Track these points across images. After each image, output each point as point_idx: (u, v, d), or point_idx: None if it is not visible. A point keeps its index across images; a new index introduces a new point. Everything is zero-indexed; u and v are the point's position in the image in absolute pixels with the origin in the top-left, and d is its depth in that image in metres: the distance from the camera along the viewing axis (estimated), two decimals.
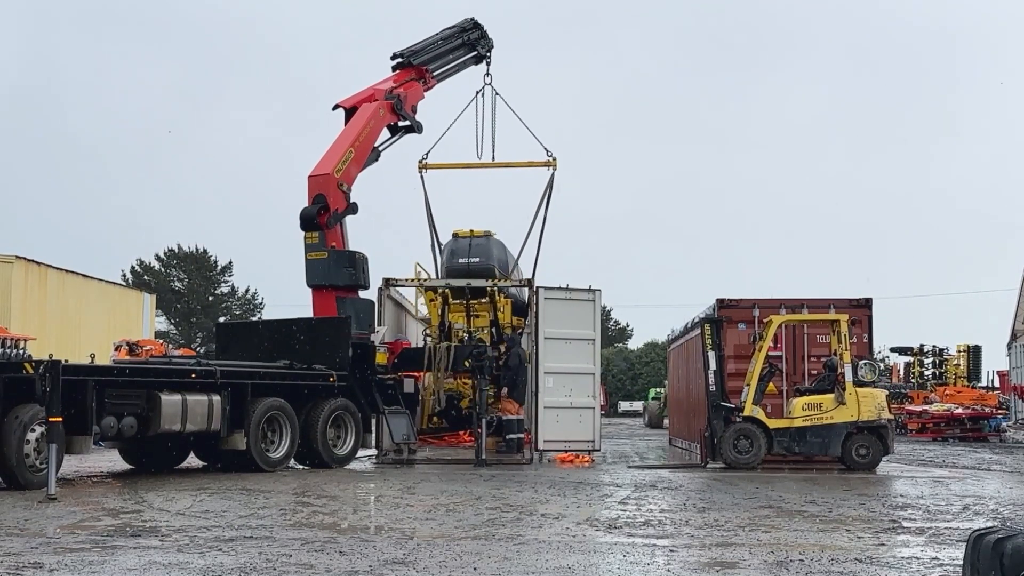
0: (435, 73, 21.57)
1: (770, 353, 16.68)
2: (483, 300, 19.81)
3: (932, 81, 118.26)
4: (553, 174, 21.95)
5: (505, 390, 18.30)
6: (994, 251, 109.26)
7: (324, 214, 18.04)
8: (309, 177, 18.39)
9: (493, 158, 22.38)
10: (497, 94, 22.50)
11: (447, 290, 19.84)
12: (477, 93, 22.58)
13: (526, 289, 22.07)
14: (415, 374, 18.99)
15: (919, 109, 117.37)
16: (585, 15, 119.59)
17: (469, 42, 22.17)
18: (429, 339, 20.37)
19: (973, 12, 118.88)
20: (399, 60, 20.83)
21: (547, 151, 21.96)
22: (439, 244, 21.41)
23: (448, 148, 23.04)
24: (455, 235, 20.73)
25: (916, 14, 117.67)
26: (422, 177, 21.95)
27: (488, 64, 22.73)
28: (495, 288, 19.68)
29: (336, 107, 19.70)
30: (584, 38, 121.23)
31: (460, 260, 20.14)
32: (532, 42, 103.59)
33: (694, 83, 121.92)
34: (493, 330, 19.89)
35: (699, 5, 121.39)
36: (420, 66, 21.00)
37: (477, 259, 20.06)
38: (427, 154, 22.05)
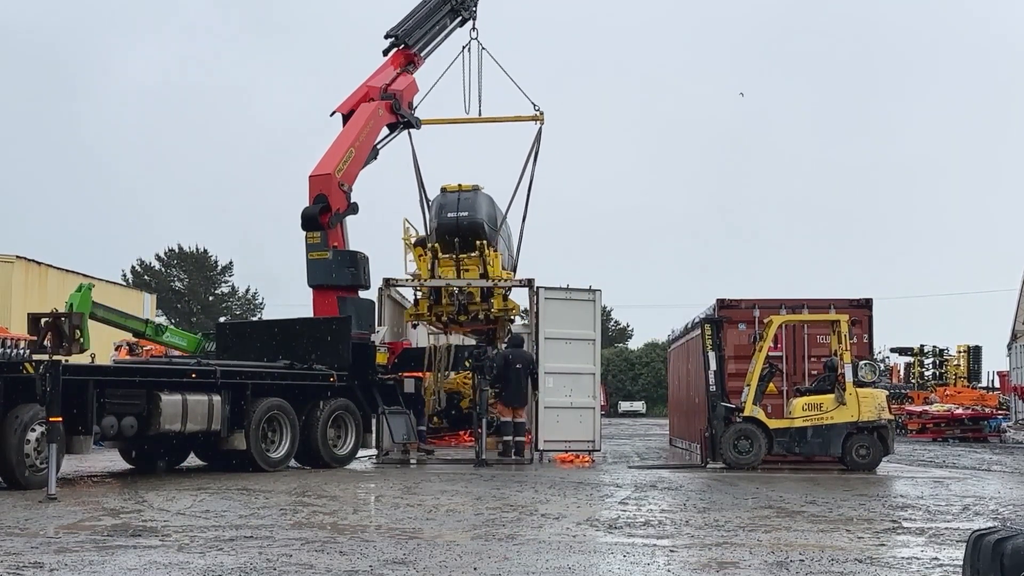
0: (424, 52, 21.46)
1: (770, 353, 16.67)
2: (473, 254, 19.67)
3: (928, 81, 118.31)
4: (540, 128, 21.69)
5: (492, 391, 18.08)
6: (994, 251, 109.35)
7: (325, 214, 18.03)
8: (310, 177, 18.39)
9: (480, 113, 22.22)
10: (483, 49, 22.26)
11: (436, 244, 19.71)
12: (464, 48, 22.34)
13: (515, 245, 22.02)
14: (417, 374, 18.98)
15: (920, 109, 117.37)
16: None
17: (454, 8, 21.96)
18: (419, 293, 20.19)
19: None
20: (392, 40, 20.77)
21: (534, 105, 21.70)
22: (427, 200, 21.18)
23: (436, 103, 22.81)
24: (443, 190, 20.49)
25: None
26: (411, 134, 21.71)
27: (474, 20, 22.43)
28: (484, 243, 19.53)
29: (333, 113, 19.70)
30: (583, 37, 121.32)
31: (449, 215, 19.93)
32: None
33: (694, 82, 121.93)
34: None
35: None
36: (411, 48, 20.91)
37: (466, 213, 19.85)
38: (414, 109, 21.78)
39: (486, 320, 20.41)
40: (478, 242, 19.57)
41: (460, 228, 19.69)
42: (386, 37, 20.96)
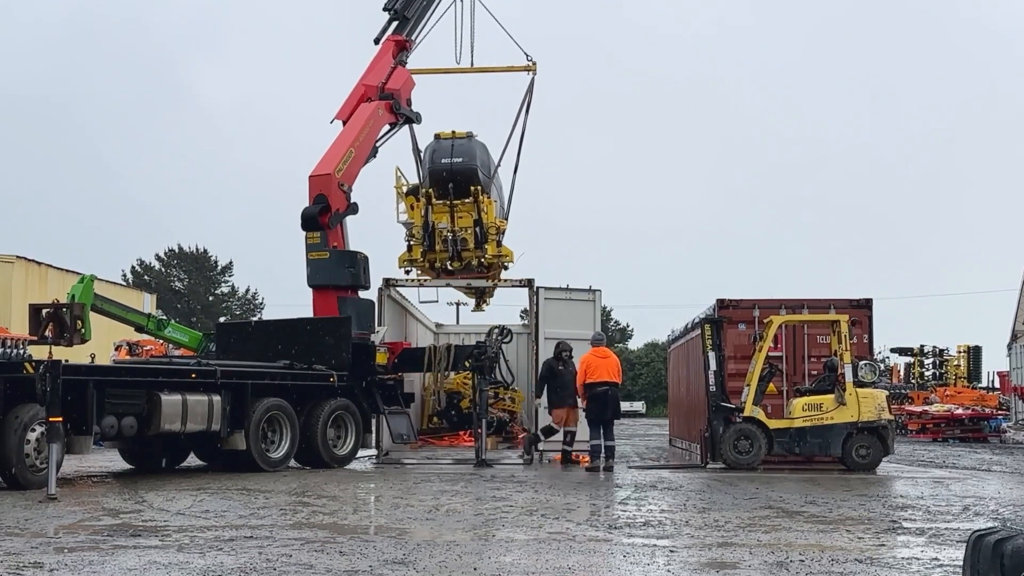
0: (415, 36, 21.21)
1: (770, 353, 16.66)
2: (467, 200, 19.55)
3: (928, 81, 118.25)
4: (533, 79, 21.32)
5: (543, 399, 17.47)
6: (994, 251, 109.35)
7: (325, 214, 18.02)
8: (310, 177, 18.37)
9: (472, 63, 21.82)
10: None
11: (430, 190, 19.62)
12: None
13: (507, 196, 21.83)
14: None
15: (919, 109, 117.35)
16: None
17: None
18: (412, 240, 20.03)
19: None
20: (392, 13, 20.63)
21: (527, 56, 21.34)
22: (419, 151, 21.06)
23: (428, 52, 22.46)
24: (437, 136, 20.27)
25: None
26: (404, 61, 21.44)
27: None
28: (478, 188, 19.43)
29: (333, 120, 19.62)
30: (583, 36, 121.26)
31: (443, 161, 19.75)
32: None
33: (694, 82, 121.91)
34: (477, 230, 19.57)
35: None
36: (403, 32, 20.74)
37: (460, 159, 19.67)
38: (406, 60, 21.57)
39: (479, 267, 20.17)
40: (472, 187, 19.36)
41: (454, 173, 19.41)
42: (385, 9, 20.77)
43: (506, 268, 20.76)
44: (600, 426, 16.06)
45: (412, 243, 20.03)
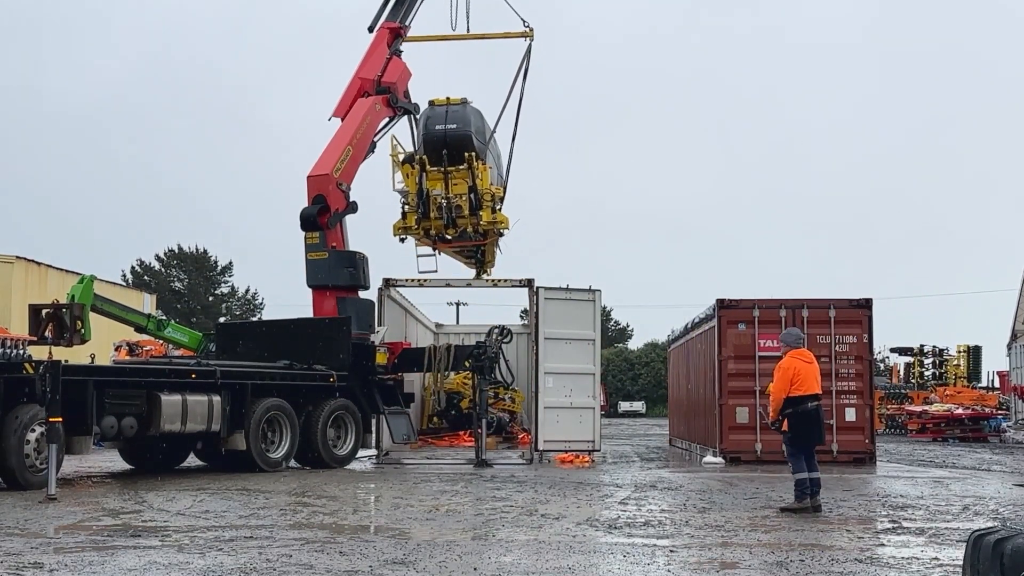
0: (409, 20, 21.06)
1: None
2: (461, 167, 19.43)
3: (928, 81, 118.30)
4: (530, 45, 21.15)
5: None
6: (994, 251, 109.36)
7: (324, 214, 18.02)
8: (308, 177, 18.37)
9: (468, 30, 21.66)
10: None
11: (424, 157, 19.48)
12: None
13: (505, 163, 21.47)
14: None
15: (919, 109, 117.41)
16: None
17: None
18: (407, 207, 19.89)
19: None
20: None
21: (524, 21, 21.26)
22: (416, 117, 20.96)
23: (425, 19, 22.30)
24: (431, 103, 20.16)
25: None
26: (400, 50, 21.34)
27: None
28: (472, 155, 19.30)
29: (331, 118, 19.58)
30: (584, 38, 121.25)
31: (437, 127, 19.61)
32: None
33: (694, 83, 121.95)
34: (471, 196, 19.46)
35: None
36: (400, 19, 20.63)
37: (454, 126, 19.53)
38: (401, 48, 21.46)
39: (475, 234, 20.03)
40: (467, 154, 19.25)
41: (448, 140, 19.31)
42: None
43: (501, 235, 20.55)
44: (807, 452, 11.02)
45: (407, 210, 19.81)
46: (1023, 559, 4.76)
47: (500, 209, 20.13)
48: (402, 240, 20.21)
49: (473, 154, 19.31)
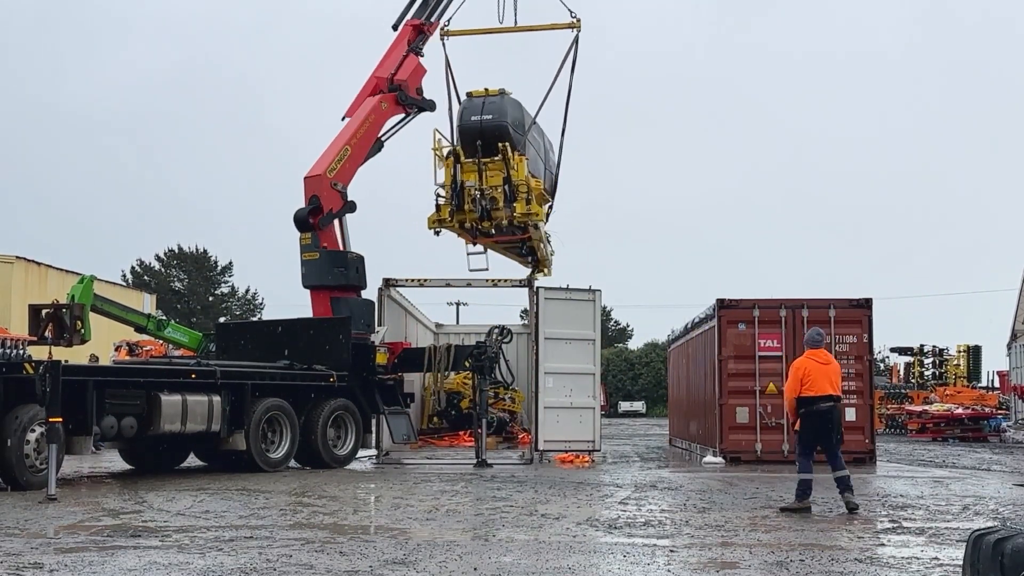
0: (434, 17, 20.86)
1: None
2: (496, 158, 19.22)
3: (928, 81, 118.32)
4: (577, 35, 20.82)
5: None
6: (994, 251, 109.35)
7: (317, 215, 18.01)
8: (304, 178, 18.38)
9: (515, 22, 21.35)
10: None
11: (459, 147, 19.24)
12: None
13: (555, 159, 21.14)
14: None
15: (918, 108, 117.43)
16: None
17: None
18: (441, 199, 19.58)
19: None
20: None
21: (571, 12, 20.94)
22: (451, 111, 20.68)
23: (469, 13, 22.05)
24: (469, 95, 19.94)
25: None
26: (444, 44, 20.99)
27: None
28: (507, 145, 19.07)
29: (345, 117, 19.51)
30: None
31: (472, 118, 19.37)
32: None
33: (694, 81, 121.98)
34: (506, 187, 19.23)
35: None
36: (425, 16, 20.48)
37: (489, 116, 19.23)
38: (449, 21, 21.20)
39: (510, 227, 19.73)
40: (501, 144, 18.98)
41: (483, 131, 19.06)
42: None
43: (536, 228, 20.24)
44: (812, 453, 11.08)
45: (441, 203, 19.52)
46: (1023, 559, 4.76)
47: (552, 204, 19.84)
48: (437, 233, 19.93)
49: (508, 144, 19.03)
